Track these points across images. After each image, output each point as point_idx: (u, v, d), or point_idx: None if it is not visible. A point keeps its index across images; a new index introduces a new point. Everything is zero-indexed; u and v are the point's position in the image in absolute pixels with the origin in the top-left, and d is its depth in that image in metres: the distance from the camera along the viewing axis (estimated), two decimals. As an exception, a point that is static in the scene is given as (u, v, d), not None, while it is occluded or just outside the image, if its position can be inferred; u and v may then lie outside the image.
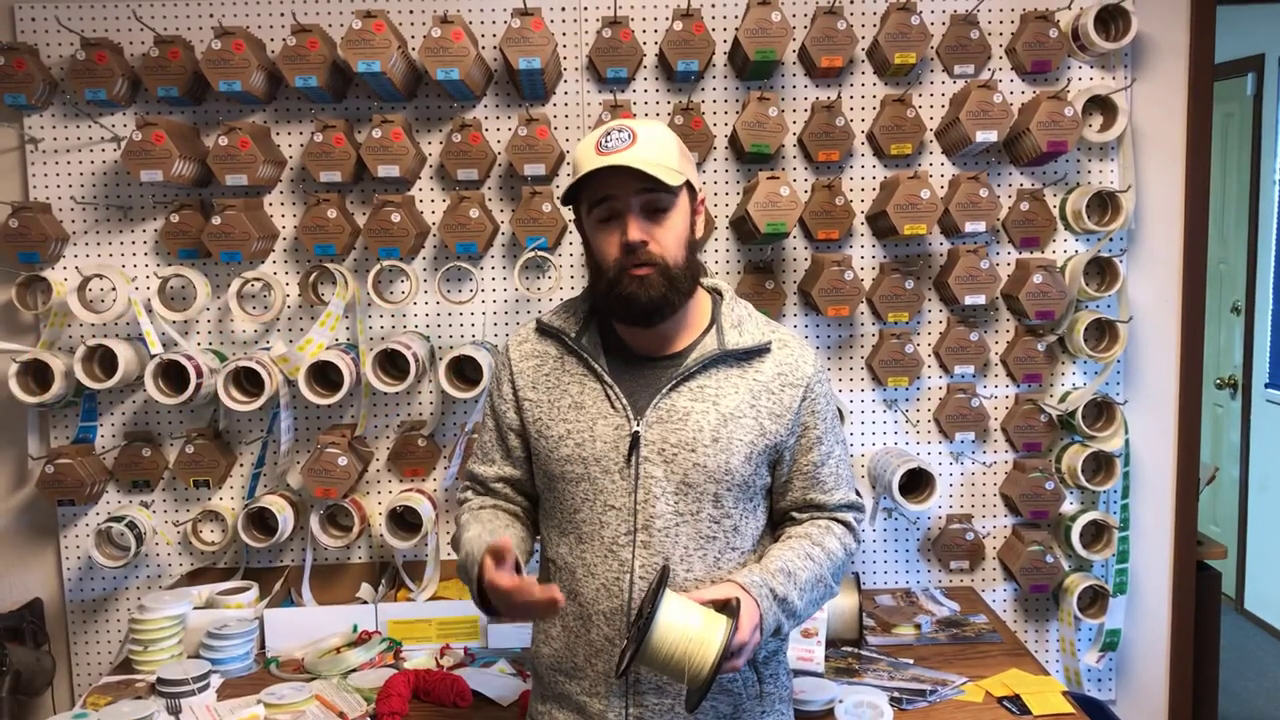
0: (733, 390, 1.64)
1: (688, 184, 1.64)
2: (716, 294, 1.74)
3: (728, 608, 1.51)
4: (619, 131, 1.57)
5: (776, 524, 1.76)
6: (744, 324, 1.69)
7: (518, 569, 1.56)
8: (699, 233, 1.68)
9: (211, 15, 2.66)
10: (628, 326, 1.66)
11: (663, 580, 1.50)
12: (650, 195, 1.57)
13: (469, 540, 1.67)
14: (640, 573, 1.61)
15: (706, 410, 1.62)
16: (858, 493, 1.78)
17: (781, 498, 1.73)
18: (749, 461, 1.64)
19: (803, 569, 1.62)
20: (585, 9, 2.69)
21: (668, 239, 1.59)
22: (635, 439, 1.62)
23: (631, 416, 1.63)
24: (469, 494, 1.83)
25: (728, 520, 1.65)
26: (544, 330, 1.74)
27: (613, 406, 1.64)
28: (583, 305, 1.74)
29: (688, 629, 1.45)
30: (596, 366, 1.66)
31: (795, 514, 1.73)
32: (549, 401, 1.69)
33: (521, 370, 1.74)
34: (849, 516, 1.74)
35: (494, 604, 1.58)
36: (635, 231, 1.56)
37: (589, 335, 1.70)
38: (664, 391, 1.63)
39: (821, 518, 1.72)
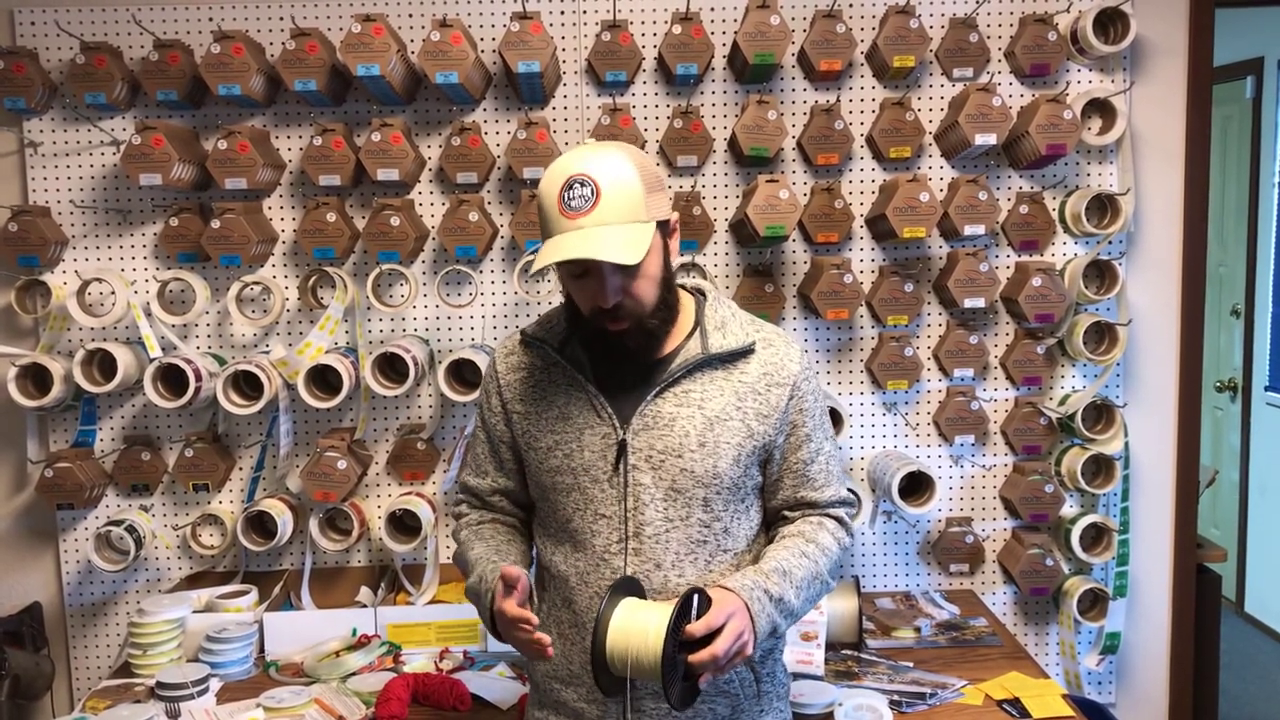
0: (718, 393, 1.64)
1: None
2: (700, 295, 1.73)
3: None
4: (581, 186, 1.50)
5: (769, 523, 1.76)
6: (727, 325, 1.69)
7: (531, 596, 1.60)
8: (674, 254, 1.66)
9: (211, 19, 2.66)
10: None
11: (615, 588, 1.51)
12: None
13: (476, 560, 1.69)
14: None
15: (692, 415, 1.62)
16: (851, 490, 1.78)
17: (773, 496, 1.72)
18: (737, 464, 1.63)
19: (798, 567, 1.62)
20: (584, 12, 2.69)
21: (642, 288, 1.57)
22: (622, 447, 1.62)
23: (617, 425, 1.63)
24: (464, 507, 1.84)
25: (718, 523, 1.65)
26: (528, 341, 1.74)
27: (599, 415, 1.64)
28: (565, 314, 1.73)
29: (643, 625, 1.45)
30: (580, 377, 1.66)
31: (787, 512, 1.73)
32: (536, 413, 1.69)
33: (509, 383, 1.74)
34: (841, 512, 1.74)
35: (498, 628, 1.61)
36: (609, 297, 1.55)
37: (572, 345, 1.69)
38: (649, 398, 1.63)
39: (814, 514, 1.72)
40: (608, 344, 1.62)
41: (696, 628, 1.46)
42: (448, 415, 2.76)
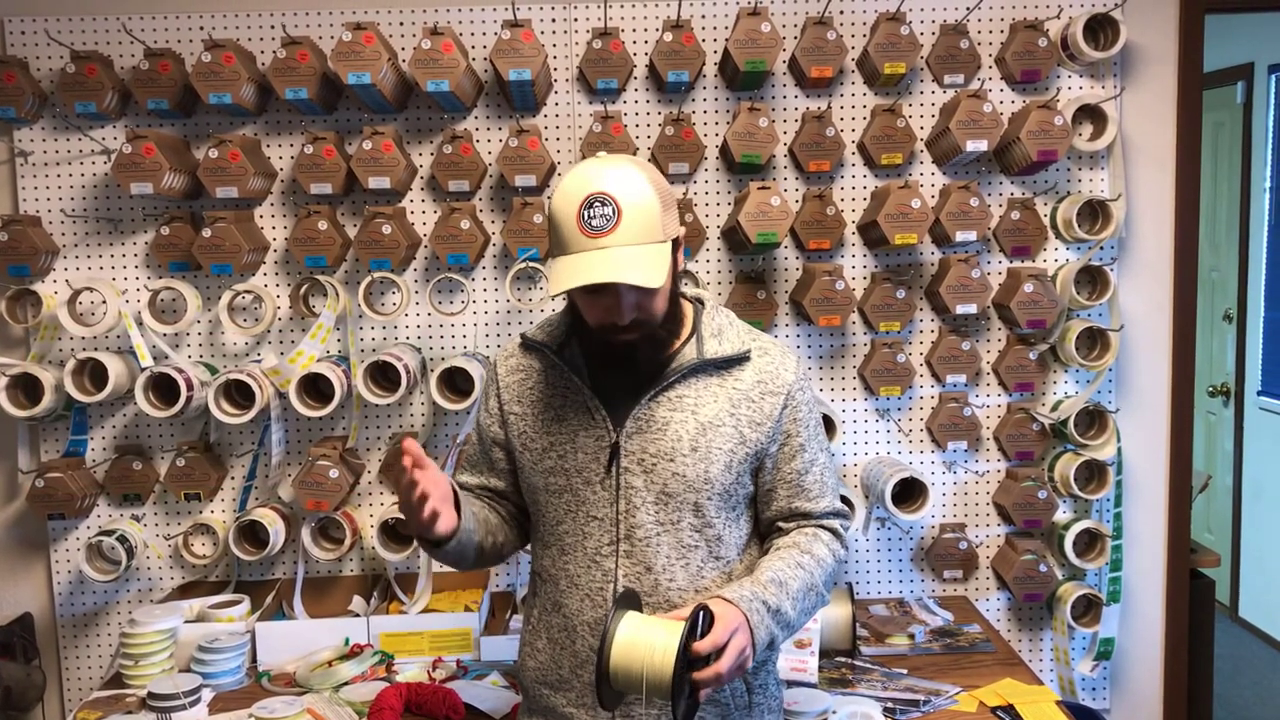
0: (712, 399, 1.64)
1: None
2: (698, 303, 1.74)
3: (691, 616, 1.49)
4: (602, 205, 1.50)
5: (764, 535, 1.76)
6: (724, 333, 1.69)
7: (457, 506, 1.58)
8: (680, 264, 1.66)
9: (201, 28, 2.66)
10: None
11: (619, 601, 1.50)
12: None
13: None
14: (624, 582, 1.61)
15: (685, 420, 1.62)
16: (845, 501, 1.77)
17: (767, 507, 1.72)
18: (729, 470, 1.64)
19: (794, 578, 1.61)
20: (575, 20, 2.69)
21: (654, 304, 1.58)
22: (615, 449, 1.62)
23: (611, 427, 1.63)
24: None
25: (710, 530, 1.65)
26: (529, 345, 1.75)
27: (593, 418, 1.64)
28: (565, 319, 1.73)
29: (650, 642, 1.44)
30: (577, 379, 1.66)
31: (782, 524, 1.73)
32: (533, 415, 1.70)
33: (508, 385, 1.75)
34: (836, 524, 1.73)
35: (401, 505, 1.55)
36: (626, 315, 1.55)
37: (571, 348, 1.70)
38: (643, 402, 1.63)
39: (809, 526, 1.72)
40: (610, 350, 1.62)
41: (703, 646, 1.45)
42: (440, 423, 2.76)
